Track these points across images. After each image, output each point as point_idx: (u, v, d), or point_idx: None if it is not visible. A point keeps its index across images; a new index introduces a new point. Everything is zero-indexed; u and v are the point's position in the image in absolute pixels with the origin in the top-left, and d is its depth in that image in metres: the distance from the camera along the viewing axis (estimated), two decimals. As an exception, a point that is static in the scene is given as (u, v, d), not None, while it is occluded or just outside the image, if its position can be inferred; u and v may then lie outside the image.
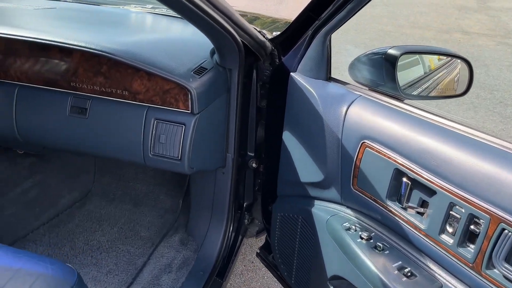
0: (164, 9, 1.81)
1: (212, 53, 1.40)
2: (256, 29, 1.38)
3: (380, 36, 6.51)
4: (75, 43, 1.21)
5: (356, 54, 1.28)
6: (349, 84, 1.26)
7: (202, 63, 1.32)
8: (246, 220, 1.72)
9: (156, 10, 1.81)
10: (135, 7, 1.85)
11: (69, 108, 1.34)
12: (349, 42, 5.99)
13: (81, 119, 1.33)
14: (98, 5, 1.92)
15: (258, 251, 1.76)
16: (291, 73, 1.31)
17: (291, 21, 2.21)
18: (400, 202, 1.01)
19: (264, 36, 1.40)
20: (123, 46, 1.26)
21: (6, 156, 1.95)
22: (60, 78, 1.34)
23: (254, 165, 1.57)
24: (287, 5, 8.28)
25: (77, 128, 1.34)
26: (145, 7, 1.84)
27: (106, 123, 1.32)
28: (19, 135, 1.42)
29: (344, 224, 1.14)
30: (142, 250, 1.68)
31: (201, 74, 1.28)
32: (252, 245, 2.26)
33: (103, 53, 1.20)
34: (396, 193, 1.03)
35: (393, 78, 1.12)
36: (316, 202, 1.29)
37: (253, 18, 2.30)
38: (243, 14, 2.19)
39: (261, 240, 2.06)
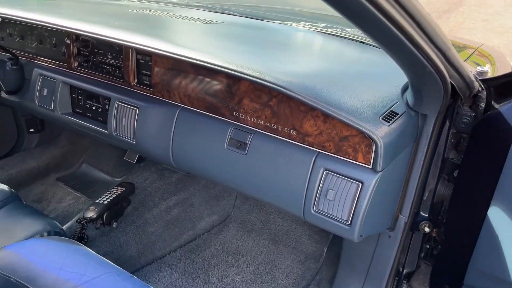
0: (338, 29, 1.57)
1: (404, 90, 1.11)
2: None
3: None
4: (247, 71, 1.04)
5: None
6: None
7: (392, 106, 1.04)
8: None
9: (328, 30, 1.59)
10: (304, 24, 1.66)
11: (228, 140, 1.19)
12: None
13: (239, 155, 1.17)
14: (262, 20, 1.78)
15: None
16: None
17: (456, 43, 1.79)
18: None
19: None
20: (298, 77, 1.05)
21: (156, 167, 1.94)
22: (223, 105, 1.20)
23: (426, 228, 1.24)
24: (447, 21, 7.46)
25: (233, 164, 1.18)
26: (317, 26, 1.63)
27: (266, 163, 1.13)
28: (173, 159, 1.32)
29: None
30: (278, 302, 1.48)
31: (390, 120, 1.00)
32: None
33: (276, 86, 1.00)
34: None
35: None
36: (537, 319, 0.91)
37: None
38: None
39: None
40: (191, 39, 1.36)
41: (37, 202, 2.04)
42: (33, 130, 2.27)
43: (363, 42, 1.50)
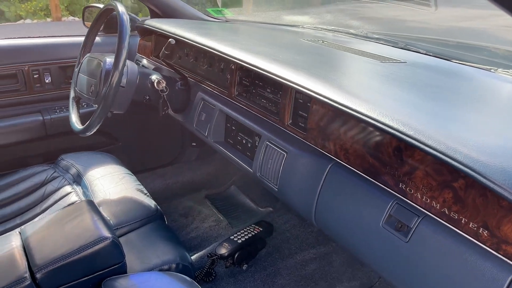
0: None
1: None
2: None
3: None
4: (427, 141, 0.78)
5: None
6: None
7: None
8: None
9: (552, 84, 1.17)
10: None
11: (386, 217, 0.93)
12: None
13: (398, 240, 0.90)
14: (454, 62, 1.44)
15: None
16: None
17: None
18: None
19: None
20: (502, 158, 0.73)
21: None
22: (387, 171, 0.94)
23: None
24: None
25: (388, 249, 0.92)
26: (534, 77, 1.23)
27: (434, 262, 0.84)
28: (315, 219, 1.12)
29: None
30: None
31: None
32: None
33: (469, 171, 0.71)
34: None
35: None
36: None
37: None
38: None
39: None
40: (362, 84, 1.14)
41: (184, 216, 2.08)
42: (195, 144, 2.37)
43: None
